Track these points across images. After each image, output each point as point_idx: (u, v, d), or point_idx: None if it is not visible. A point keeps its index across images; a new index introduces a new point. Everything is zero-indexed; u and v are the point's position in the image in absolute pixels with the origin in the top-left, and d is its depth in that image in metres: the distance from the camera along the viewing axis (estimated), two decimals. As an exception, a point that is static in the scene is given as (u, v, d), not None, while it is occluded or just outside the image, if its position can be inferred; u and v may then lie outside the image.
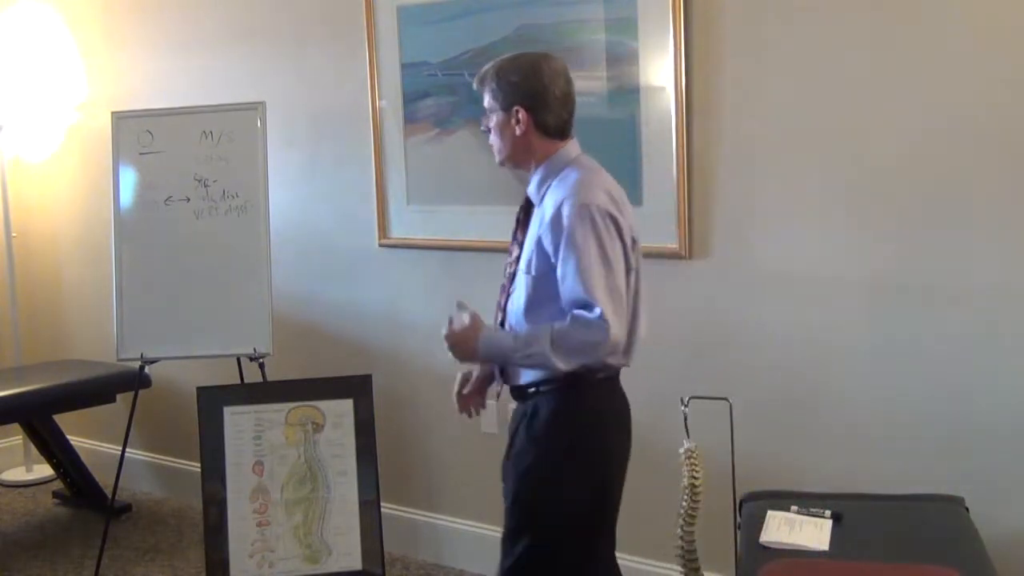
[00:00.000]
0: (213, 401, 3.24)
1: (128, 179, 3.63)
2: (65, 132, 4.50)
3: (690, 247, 2.97)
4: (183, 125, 3.61)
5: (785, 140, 2.80)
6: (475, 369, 2.45)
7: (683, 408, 2.55)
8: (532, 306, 2.26)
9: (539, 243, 2.23)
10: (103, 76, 4.33)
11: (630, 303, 2.26)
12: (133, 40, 4.21)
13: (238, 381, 3.64)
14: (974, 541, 2.22)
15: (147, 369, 3.71)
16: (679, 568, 2.56)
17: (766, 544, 2.22)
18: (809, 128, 2.76)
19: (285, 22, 3.77)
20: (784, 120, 2.80)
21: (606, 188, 2.24)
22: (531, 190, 2.34)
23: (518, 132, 2.27)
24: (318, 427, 3.23)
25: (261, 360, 3.54)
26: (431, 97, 3.40)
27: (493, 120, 2.31)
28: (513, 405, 2.42)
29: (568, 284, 2.16)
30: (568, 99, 2.29)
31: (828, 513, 2.30)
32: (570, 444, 2.27)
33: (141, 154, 3.62)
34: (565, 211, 2.17)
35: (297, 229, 3.81)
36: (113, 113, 3.70)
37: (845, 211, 2.74)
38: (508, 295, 2.35)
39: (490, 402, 2.58)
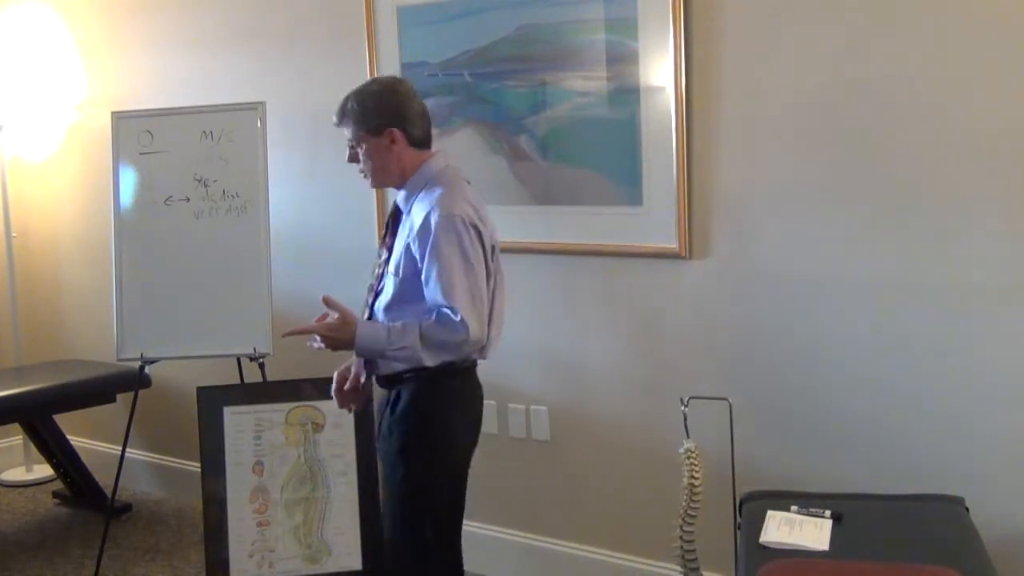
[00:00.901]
0: (213, 401, 3.24)
1: (128, 179, 3.63)
2: (65, 132, 4.50)
3: (690, 247, 2.97)
4: (183, 125, 3.61)
5: (785, 140, 2.80)
6: (353, 365, 2.62)
7: (683, 408, 2.55)
8: (394, 304, 2.49)
9: (407, 249, 2.44)
10: (103, 76, 4.33)
11: (489, 305, 2.48)
12: (133, 40, 4.21)
13: (238, 381, 3.64)
14: (974, 541, 2.22)
15: (147, 369, 3.71)
16: (679, 568, 2.57)
17: (766, 544, 2.22)
18: (809, 128, 2.76)
19: (285, 22, 3.77)
20: (784, 120, 2.80)
21: (469, 200, 2.47)
22: (400, 200, 2.56)
23: (394, 151, 2.49)
24: (318, 427, 3.23)
25: (261, 360, 3.54)
26: (431, 97, 3.39)
27: (364, 148, 2.51)
28: (379, 393, 2.64)
29: (432, 287, 2.38)
30: (425, 113, 2.56)
31: (828, 513, 2.30)
32: (425, 422, 2.50)
33: (141, 154, 3.62)
34: (432, 220, 2.39)
35: (297, 229, 3.81)
36: (113, 113, 3.70)
37: (845, 211, 2.74)
38: (376, 294, 2.58)
39: (490, 402, 2.59)
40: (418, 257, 2.42)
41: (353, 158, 2.55)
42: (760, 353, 2.92)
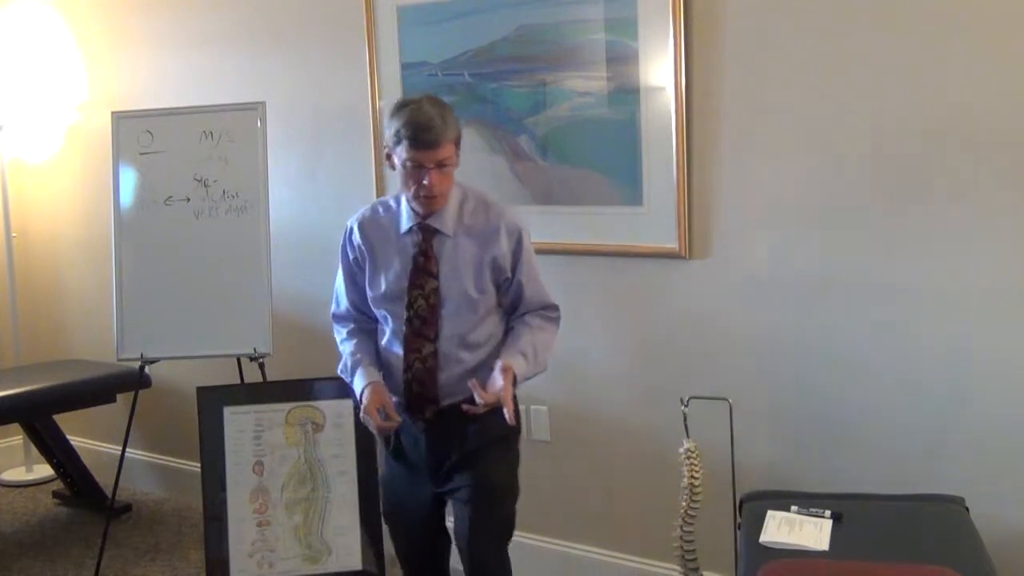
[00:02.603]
0: (213, 401, 3.23)
1: (128, 179, 3.63)
2: (65, 132, 4.50)
3: (690, 247, 2.97)
4: (183, 125, 3.61)
5: (785, 140, 2.80)
6: (389, 399, 2.55)
7: (683, 408, 2.55)
8: (480, 322, 2.53)
9: (493, 264, 2.49)
10: (103, 76, 4.33)
11: None
12: (134, 40, 4.21)
13: (238, 381, 3.64)
14: (974, 541, 2.22)
15: (147, 369, 3.71)
16: (679, 568, 2.57)
17: (766, 544, 2.22)
18: (809, 128, 2.76)
19: (285, 22, 3.77)
20: (784, 120, 2.80)
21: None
22: (445, 221, 2.50)
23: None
24: (318, 427, 3.23)
25: (261, 360, 3.54)
26: (431, 97, 3.40)
27: (452, 162, 2.45)
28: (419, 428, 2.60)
29: (530, 289, 2.55)
30: None
31: (828, 513, 2.30)
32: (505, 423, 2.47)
33: (141, 154, 3.62)
34: (519, 226, 2.52)
35: (297, 229, 3.81)
36: (113, 113, 3.70)
37: (845, 211, 2.74)
38: (437, 330, 2.51)
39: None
40: (507, 267, 2.51)
41: (436, 181, 2.43)
42: (760, 353, 2.92)
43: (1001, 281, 2.55)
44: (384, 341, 2.61)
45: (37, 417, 4.15)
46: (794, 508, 2.34)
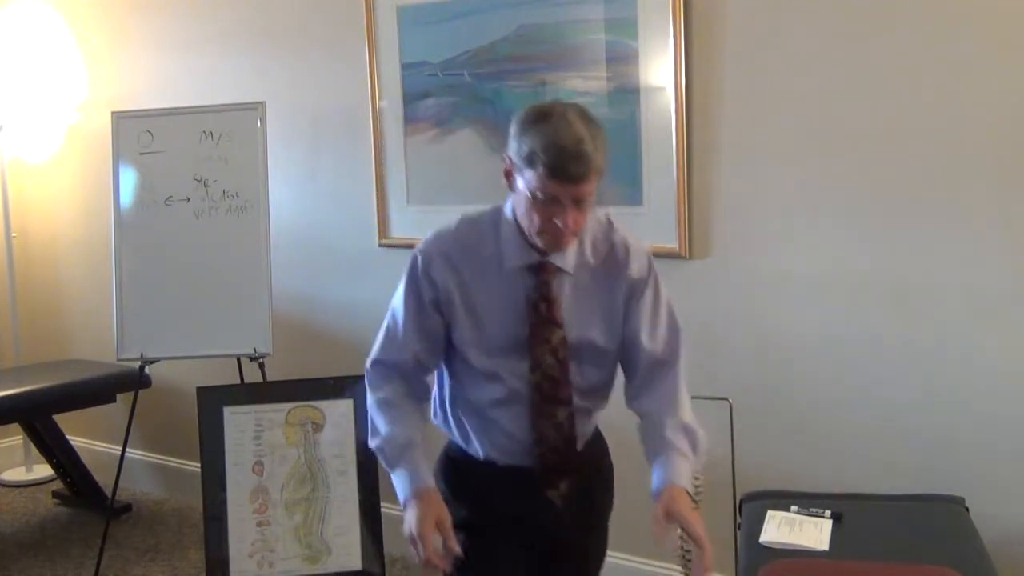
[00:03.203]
0: (213, 401, 3.24)
1: (128, 179, 3.63)
2: (65, 132, 4.50)
3: (690, 247, 2.97)
4: (183, 125, 3.61)
5: (785, 140, 2.80)
6: (447, 515, 1.95)
7: (683, 408, 2.55)
8: (607, 376, 2.08)
9: (627, 308, 2.00)
10: (103, 76, 4.33)
11: None
12: (133, 40, 4.21)
13: (238, 381, 3.64)
14: (974, 541, 2.22)
15: (147, 369, 3.71)
16: (679, 568, 2.57)
17: (766, 544, 2.22)
18: (809, 128, 2.76)
19: (285, 22, 3.77)
20: (784, 120, 2.80)
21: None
22: (573, 257, 1.97)
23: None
24: (318, 427, 3.23)
25: (261, 360, 3.54)
26: (431, 97, 3.40)
27: (593, 196, 1.88)
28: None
29: (661, 340, 2.03)
30: None
31: (828, 513, 2.30)
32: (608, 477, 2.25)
33: (141, 154, 3.62)
34: (649, 265, 2.03)
35: (297, 229, 3.81)
36: (113, 113, 3.70)
37: (845, 211, 2.74)
38: (571, 391, 2.01)
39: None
40: (635, 312, 2.01)
41: (573, 220, 1.86)
42: (760, 353, 2.92)
43: (1001, 281, 2.55)
44: (488, 403, 2.02)
45: (37, 417, 4.15)
46: (794, 508, 2.34)
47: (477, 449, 2.07)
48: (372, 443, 2.05)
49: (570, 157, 1.78)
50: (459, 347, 2.01)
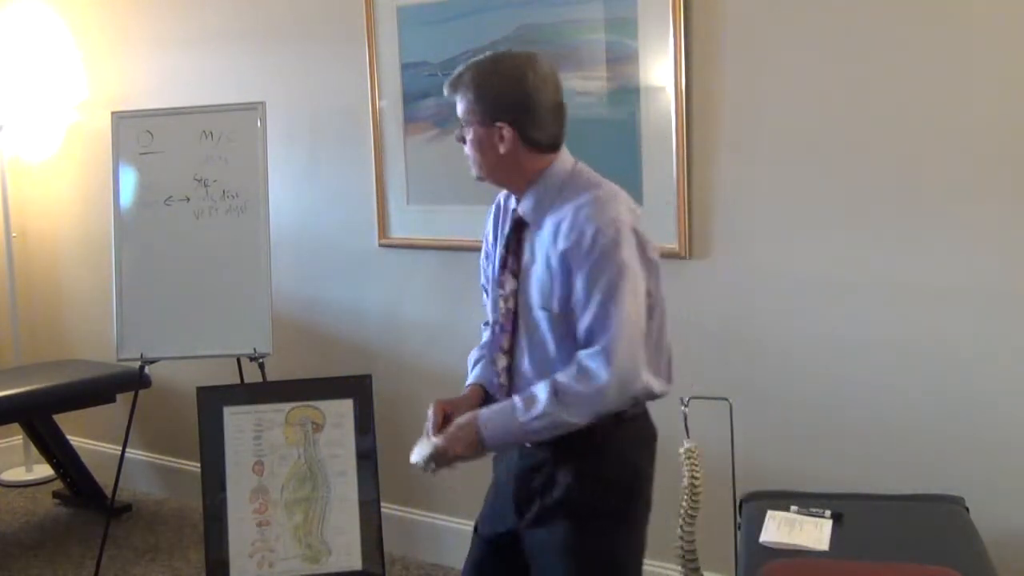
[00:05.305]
0: (213, 401, 3.24)
1: (128, 179, 3.64)
2: (65, 132, 4.50)
3: (690, 247, 2.97)
4: (183, 125, 3.61)
5: (785, 141, 2.80)
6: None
7: (683, 408, 2.55)
8: (562, 349, 1.98)
9: (556, 272, 1.95)
10: (103, 76, 4.33)
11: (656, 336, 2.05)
12: (133, 39, 4.21)
13: (238, 381, 3.64)
14: (974, 541, 2.22)
15: (147, 369, 3.71)
16: (679, 568, 2.57)
17: (766, 544, 2.22)
18: (809, 128, 2.76)
19: (285, 22, 3.77)
20: (784, 121, 2.80)
21: (626, 201, 2.01)
22: (525, 209, 2.03)
23: (502, 151, 1.98)
24: (318, 427, 3.23)
25: (261, 360, 3.54)
26: (431, 97, 3.40)
27: (470, 134, 2.01)
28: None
29: (586, 320, 1.93)
30: (560, 109, 2.04)
31: (828, 513, 2.30)
32: (627, 483, 2.23)
33: (141, 154, 3.62)
34: (588, 233, 1.91)
35: (297, 229, 3.81)
36: (113, 113, 3.70)
37: (845, 211, 2.74)
38: (512, 344, 2.04)
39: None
40: (574, 282, 1.93)
41: (461, 139, 2.06)
42: (760, 353, 2.92)
43: (1001, 281, 2.55)
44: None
45: (37, 417, 4.15)
46: (794, 508, 2.34)
47: None
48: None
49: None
50: None
